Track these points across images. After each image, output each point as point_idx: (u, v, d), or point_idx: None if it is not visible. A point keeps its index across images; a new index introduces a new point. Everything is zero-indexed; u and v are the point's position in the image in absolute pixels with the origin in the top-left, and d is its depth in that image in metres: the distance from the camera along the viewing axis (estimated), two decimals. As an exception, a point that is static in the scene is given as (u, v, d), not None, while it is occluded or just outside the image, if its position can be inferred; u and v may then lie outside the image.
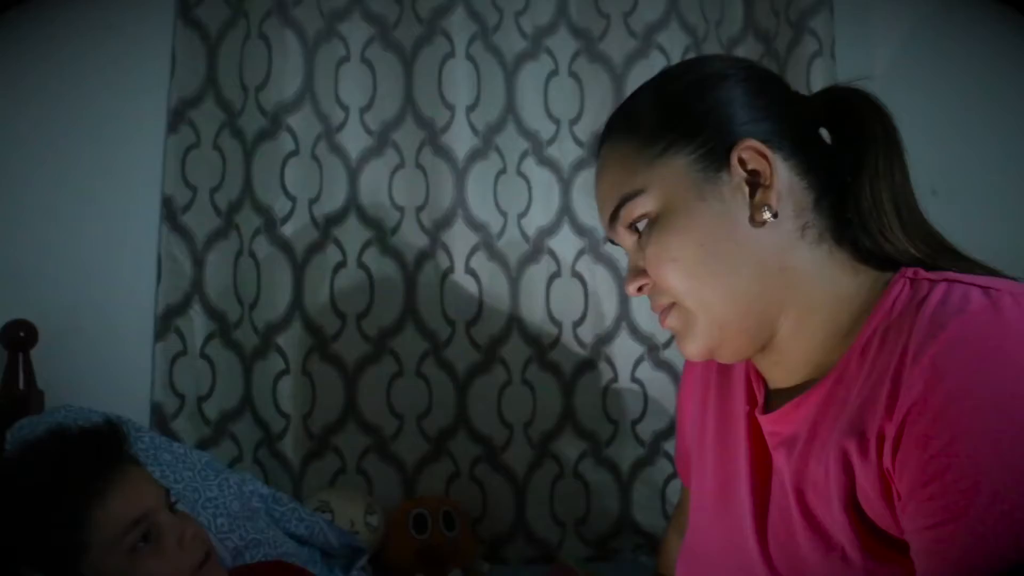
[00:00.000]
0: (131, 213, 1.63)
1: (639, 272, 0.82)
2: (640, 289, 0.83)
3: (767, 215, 0.77)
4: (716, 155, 0.78)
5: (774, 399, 0.83)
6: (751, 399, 0.86)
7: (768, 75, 0.85)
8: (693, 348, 0.81)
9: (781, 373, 0.81)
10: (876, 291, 0.76)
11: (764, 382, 0.85)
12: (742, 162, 0.77)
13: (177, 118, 1.61)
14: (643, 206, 0.80)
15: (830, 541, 0.71)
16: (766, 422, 0.81)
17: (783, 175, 0.77)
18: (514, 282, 1.67)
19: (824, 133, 0.84)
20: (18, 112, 1.57)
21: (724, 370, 0.91)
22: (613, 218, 0.82)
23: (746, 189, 0.77)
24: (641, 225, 0.80)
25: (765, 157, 0.77)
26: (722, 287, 0.79)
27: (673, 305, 0.80)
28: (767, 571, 0.77)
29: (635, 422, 1.69)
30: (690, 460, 0.97)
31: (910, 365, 0.67)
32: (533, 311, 1.68)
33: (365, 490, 1.63)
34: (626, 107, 0.86)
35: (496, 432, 1.67)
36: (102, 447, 1.05)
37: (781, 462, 0.79)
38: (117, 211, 1.63)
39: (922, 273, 0.74)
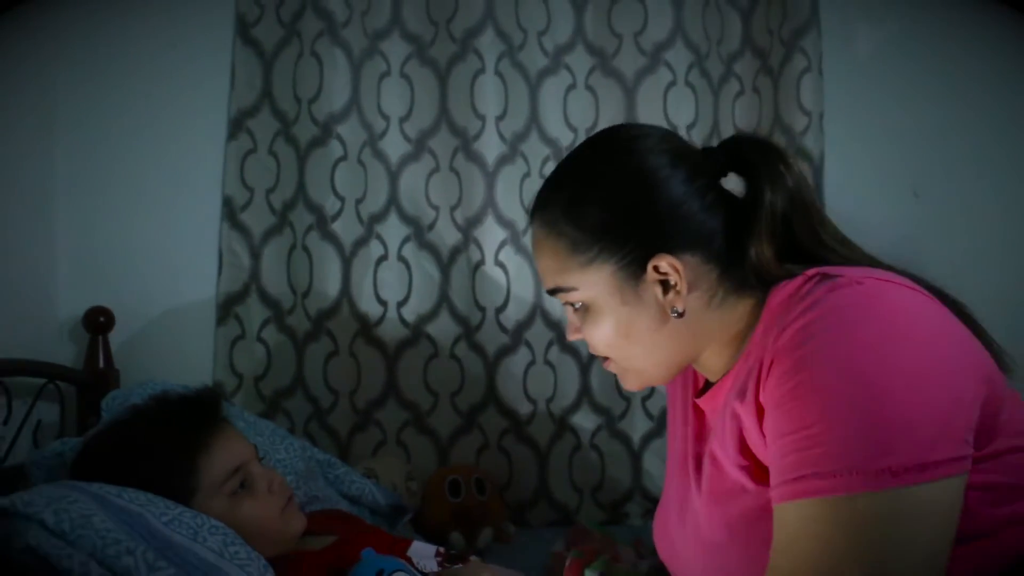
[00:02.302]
0: (195, 212, 1.72)
1: (572, 327, 0.98)
2: (575, 339, 0.99)
3: (674, 316, 0.90)
4: (637, 264, 0.90)
5: (711, 383, 1.00)
6: (695, 386, 1.04)
7: (680, 157, 0.92)
8: (629, 386, 1.00)
9: (708, 372, 0.99)
10: (762, 297, 0.91)
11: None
12: (656, 268, 0.89)
13: (236, 127, 1.71)
14: (576, 298, 0.94)
15: (731, 477, 0.89)
16: (700, 402, 1.00)
17: (692, 271, 0.90)
18: (538, 273, 1.76)
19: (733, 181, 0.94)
20: (95, 123, 1.67)
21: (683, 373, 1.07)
22: (549, 291, 0.96)
23: (659, 290, 0.90)
24: (575, 305, 0.95)
25: (676, 269, 0.89)
26: (643, 357, 0.95)
27: (606, 358, 0.98)
28: (700, 498, 0.95)
29: (645, 399, 1.78)
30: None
31: (774, 342, 0.82)
32: (555, 300, 1.78)
33: (404, 459, 1.72)
34: (558, 190, 0.94)
35: (521, 407, 1.75)
36: (204, 409, 1.16)
37: (708, 429, 0.97)
38: (183, 210, 1.72)
39: (807, 273, 0.87)
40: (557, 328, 1.76)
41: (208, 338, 1.73)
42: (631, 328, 0.93)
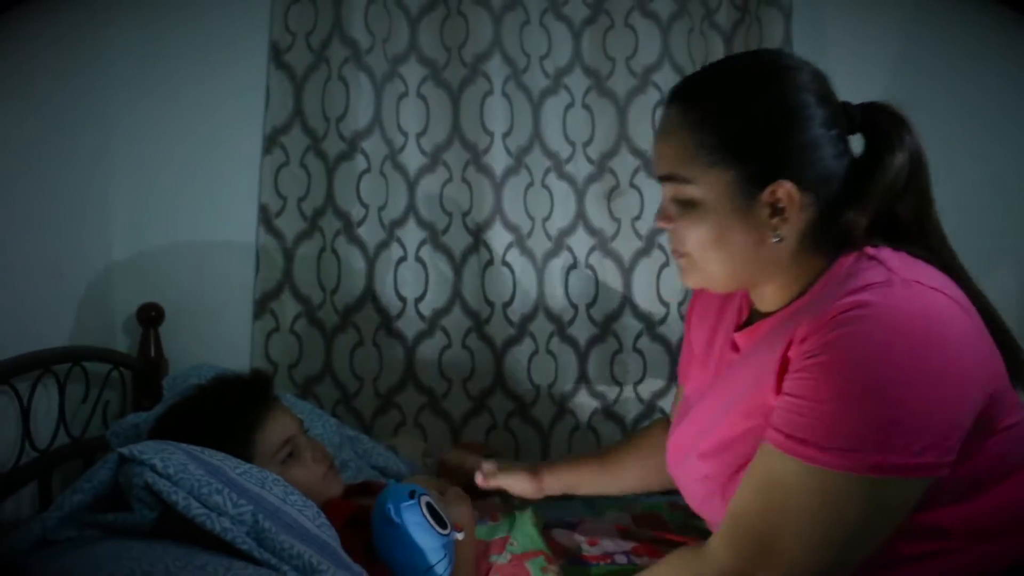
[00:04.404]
0: (235, 218, 1.85)
1: (664, 216, 1.01)
2: (663, 227, 1.02)
3: (774, 240, 0.95)
4: (758, 181, 0.93)
5: (752, 320, 1.08)
6: (739, 320, 1.12)
7: (821, 99, 0.94)
8: (690, 283, 1.05)
9: (762, 302, 1.06)
10: (833, 260, 0.97)
11: (750, 308, 1.10)
12: (774, 192, 0.93)
13: (271, 142, 1.81)
14: (687, 193, 0.96)
15: (735, 411, 1.00)
16: (740, 337, 1.08)
17: (801, 206, 0.94)
18: (540, 272, 1.86)
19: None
20: (146, 140, 1.80)
21: (726, 300, 1.16)
22: (660, 177, 0.99)
23: (767, 212, 0.94)
24: (681, 197, 0.97)
25: (793, 198, 0.93)
26: (725, 267, 0.99)
27: (684, 253, 1.02)
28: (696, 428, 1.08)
29: (637, 384, 1.89)
30: (690, 367, 1.24)
31: (818, 313, 0.89)
32: (555, 295, 1.86)
33: (421, 438, 1.85)
34: (706, 95, 0.96)
35: (526, 392, 1.87)
36: (257, 388, 1.33)
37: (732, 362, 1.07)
38: (224, 217, 1.85)
39: (868, 251, 0.93)
40: (558, 321, 1.88)
41: (246, 330, 1.86)
42: (727, 237, 0.95)
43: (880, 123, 0.95)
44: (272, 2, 1.82)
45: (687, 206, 0.97)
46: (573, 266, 1.89)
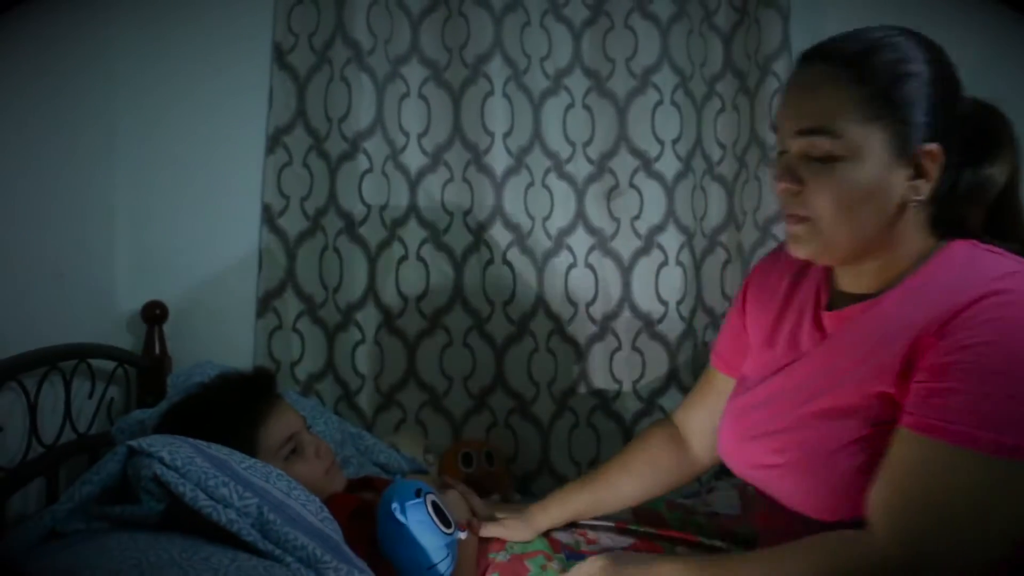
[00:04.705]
0: (238, 217, 1.86)
1: (793, 177, 0.97)
2: (784, 189, 0.98)
3: (916, 200, 0.95)
4: (909, 144, 0.93)
5: (836, 302, 1.06)
6: (818, 302, 1.09)
7: (956, 78, 0.97)
8: (803, 253, 1.01)
9: (854, 282, 1.04)
10: (935, 248, 0.98)
11: (828, 289, 1.08)
12: (918, 156, 0.94)
13: (274, 142, 1.83)
14: (833, 148, 0.94)
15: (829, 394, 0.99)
16: (830, 317, 1.05)
17: (941, 173, 0.95)
18: (540, 271, 1.88)
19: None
20: (150, 140, 1.80)
21: (795, 283, 1.15)
22: (801, 131, 0.96)
23: (910, 173, 0.94)
24: (820, 153, 0.95)
25: (940, 162, 0.94)
26: (854, 231, 0.96)
27: (805, 218, 0.98)
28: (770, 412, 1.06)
29: (636, 382, 1.91)
30: (737, 349, 1.24)
31: (957, 300, 0.89)
32: (555, 294, 1.88)
33: (423, 435, 1.87)
34: (863, 54, 0.95)
35: (526, 390, 1.88)
36: (260, 386, 1.36)
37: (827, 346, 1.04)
38: (227, 216, 1.86)
39: (980, 246, 0.95)
40: (557, 319, 1.89)
41: (249, 328, 1.87)
42: (868, 195, 0.94)
43: (994, 122, 0.98)
44: (275, 3, 1.83)
45: (827, 162, 0.95)
46: (573, 265, 1.91)
